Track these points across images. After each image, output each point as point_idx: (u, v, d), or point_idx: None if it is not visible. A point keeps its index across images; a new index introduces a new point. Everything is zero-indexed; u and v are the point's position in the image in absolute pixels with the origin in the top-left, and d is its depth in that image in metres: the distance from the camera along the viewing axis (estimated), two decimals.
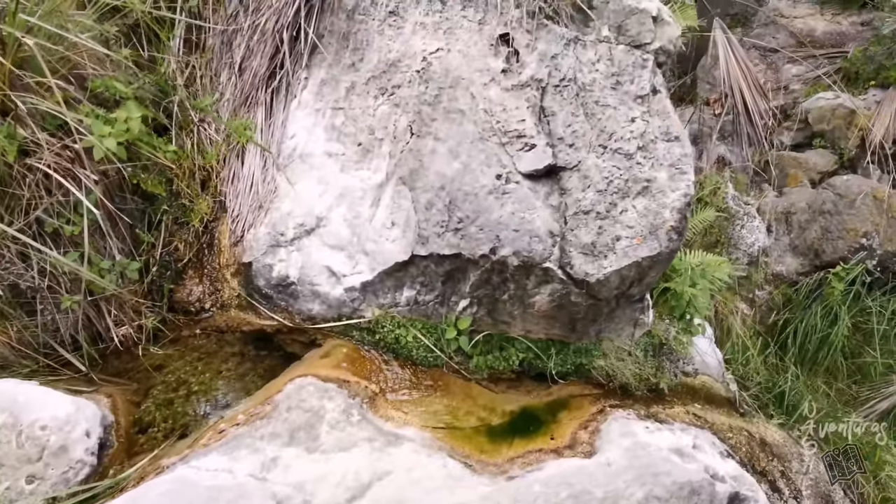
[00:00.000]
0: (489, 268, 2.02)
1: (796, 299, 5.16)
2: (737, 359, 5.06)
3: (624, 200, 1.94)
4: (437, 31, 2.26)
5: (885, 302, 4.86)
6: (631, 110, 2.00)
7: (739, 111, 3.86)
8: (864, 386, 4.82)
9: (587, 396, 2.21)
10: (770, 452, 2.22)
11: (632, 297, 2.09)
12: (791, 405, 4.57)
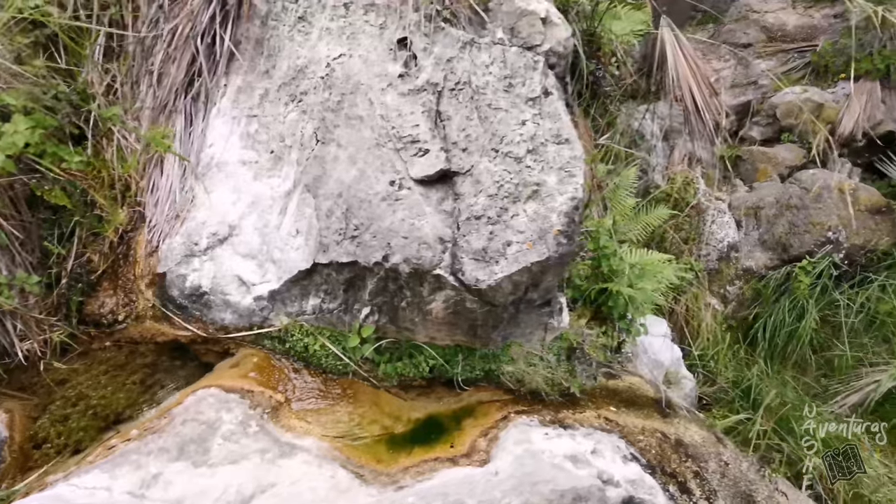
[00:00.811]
0: (384, 275, 1.94)
1: (765, 294, 5.00)
2: (708, 354, 4.93)
3: (515, 205, 1.84)
4: (341, 37, 2.18)
5: (853, 295, 4.68)
6: (522, 113, 1.90)
7: (689, 109, 3.73)
8: (832, 380, 4.65)
9: (495, 403, 2.12)
10: (685, 453, 2.11)
11: (533, 302, 1.99)
12: (757, 399, 4.43)
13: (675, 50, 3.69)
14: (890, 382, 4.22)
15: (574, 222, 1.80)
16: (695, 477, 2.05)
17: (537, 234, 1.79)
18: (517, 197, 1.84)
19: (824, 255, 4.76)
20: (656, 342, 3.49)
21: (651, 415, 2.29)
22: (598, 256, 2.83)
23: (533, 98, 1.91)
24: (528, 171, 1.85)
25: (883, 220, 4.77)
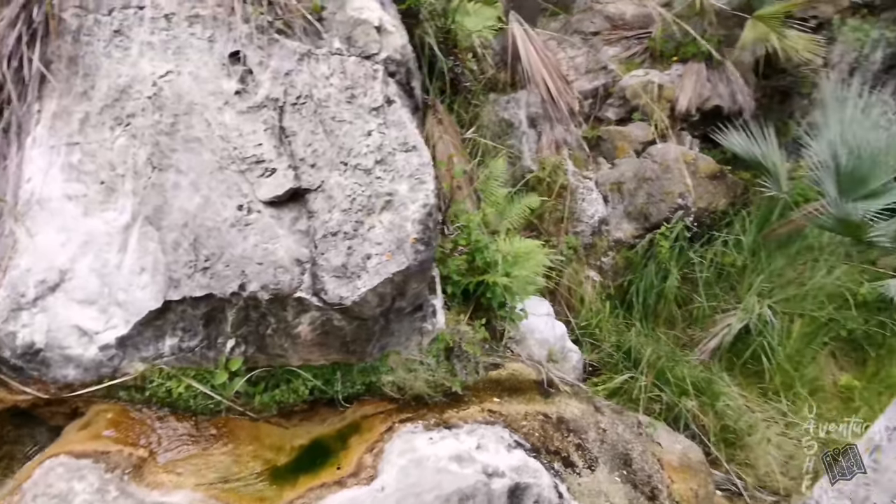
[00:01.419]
0: (244, 305, 1.82)
1: (635, 261, 5.40)
2: (592, 323, 5.24)
3: (370, 217, 1.80)
4: (165, 52, 1.99)
5: (704, 252, 5.20)
6: (367, 123, 1.86)
7: (545, 98, 3.91)
8: (696, 329, 5.15)
9: (379, 415, 2.09)
10: (567, 429, 2.22)
11: (403, 310, 1.98)
12: (637, 358, 4.79)
13: (526, 43, 3.83)
14: (738, 324, 4.74)
15: (429, 228, 1.80)
16: (577, 449, 2.17)
17: (395, 245, 1.77)
18: (371, 209, 1.80)
19: (678, 221, 5.23)
20: (540, 322, 3.64)
21: (534, 398, 2.38)
22: (472, 250, 2.88)
23: (376, 108, 1.87)
24: (379, 182, 1.81)
25: (719, 184, 5.33)
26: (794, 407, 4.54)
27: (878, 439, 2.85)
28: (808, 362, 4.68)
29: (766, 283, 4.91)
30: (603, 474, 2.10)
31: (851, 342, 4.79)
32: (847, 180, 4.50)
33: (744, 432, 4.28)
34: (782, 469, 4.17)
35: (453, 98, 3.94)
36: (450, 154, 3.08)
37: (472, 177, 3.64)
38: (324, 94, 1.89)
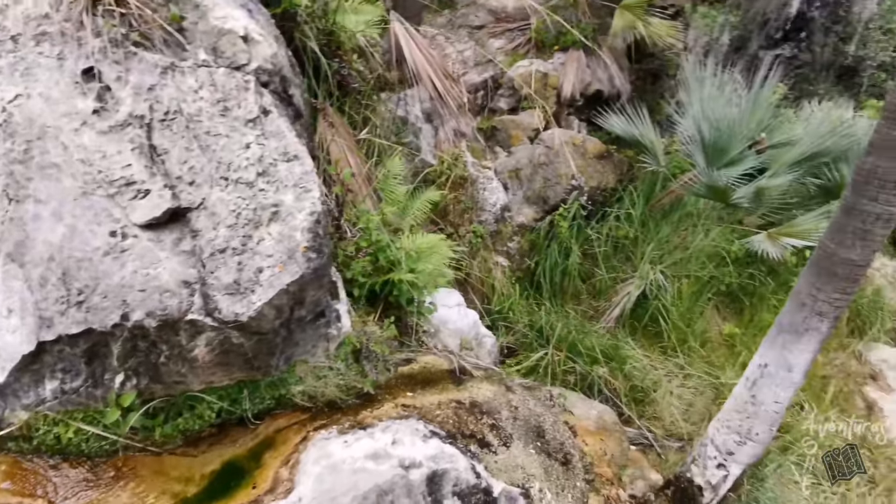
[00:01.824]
0: (129, 335, 1.73)
1: (538, 243, 5.67)
2: (505, 307, 5.44)
3: (258, 230, 1.78)
4: (13, 75, 1.83)
5: (600, 228, 5.56)
6: (244, 136, 1.83)
7: (433, 95, 4.00)
8: (600, 301, 5.51)
9: (293, 426, 2.08)
10: (480, 411, 2.33)
11: (304, 319, 1.98)
12: (549, 335, 5.05)
13: (409, 42, 3.89)
14: (636, 291, 5.12)
15: (319, 235, 1.80)
16: (491, 429, 2.27)
17: (286, 255, 1.76)
18: (258, 222, 1.77)
19: (574, 201, 5.55)
20: (452, 313, 3.73)
21: (447, 387, 2.46)
22: (375, 251, 2.90)
23: (252, 119, 1.83)
24: (263, 195, 1.79)
25: (607, 164, 5.71)
26: (689, 359, 4.99)
27: (753, 377, 3.23)
28: (697, 318, 5.16)
29: (656, 250, 5.34)
30: (518, 449, 2.22)
31: (730, 295, 5.33)
32: (711, 151, 4.99)
33: (650, 389, 4.66)
34: (684, 416, 4.59)
35: (343, 100, 3.92)
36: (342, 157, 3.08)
37: (370, 177, 3.65)
38: (194, 108, 1.83)
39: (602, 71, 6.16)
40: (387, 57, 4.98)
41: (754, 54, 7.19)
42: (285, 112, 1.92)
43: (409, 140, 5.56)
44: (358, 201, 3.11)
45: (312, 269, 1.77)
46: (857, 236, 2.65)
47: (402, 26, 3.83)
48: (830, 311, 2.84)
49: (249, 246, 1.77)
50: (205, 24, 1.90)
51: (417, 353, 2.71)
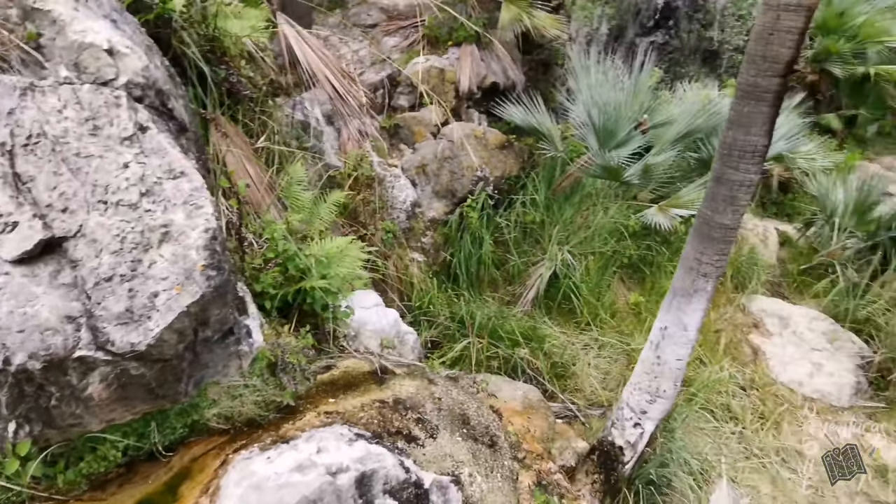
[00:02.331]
0: (14, 381, 1.59)
1: (451, 235, 5.78)
2: (425, 302, 5.50)
3: (148, 253, 1.69)
4: None
5: (508, 216, 5.77)
6: (121, 155, 1.72)
7: (333, 96, 3.95)
8: (515, 285, 5.73)
9: (211, 452, 2.00)
10: (404, 408, 2.37)
11: (211, 339, 1.91)
12: (469, 324, 5.17)
13: (301, 43, 3.81)
14: (547, 273, 5.37)
15: (217, 252, 1.74)
16: (417, 423, 2.31)
17: (184, 276, 1.68)
18: (148, 245, 1.68)
19: (480, 191, 5.71)
20: (371, 314, 3.73)
21: (369, 388, 2.46)
22: (284, 260, 2.84)
23: (128, 137, 1.73)
24: (150, 216, 1.69)
25: (509, 153, 5.92)
26: (602, 331, 5.31)
27: (656, 339, 3.51)
28: (605, 291, 5.50)
29: (562, 232, 5.63)
30: (445, 439, 2.28)
31: (632, 266, 5.73)
32: (602, 134, 5.33)
33: (569, 364, 4.91)
34: (603, 385, 4.89)
35: (236, 108, 3.77)
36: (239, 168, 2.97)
37: (273, 185, 3.55)
38: (59, 129, 1.69)
39: (496, 63, 6.36)
40: (279, 61, 4.84)
41: (631, 42, 7.75)
42: (166, 126, 1.83)
43: (311, 144, 5.46)
44: (262, 211, 3.02)
45: (213, 287, 1.70)
46: (727, 202, 2.96)
47: (291, 29, 3.73)
48: (713, 271, 3.15)
49: (140, 271, 1.67)
50: (63, 40, 1.75)
51: (337, 358, 2.69)
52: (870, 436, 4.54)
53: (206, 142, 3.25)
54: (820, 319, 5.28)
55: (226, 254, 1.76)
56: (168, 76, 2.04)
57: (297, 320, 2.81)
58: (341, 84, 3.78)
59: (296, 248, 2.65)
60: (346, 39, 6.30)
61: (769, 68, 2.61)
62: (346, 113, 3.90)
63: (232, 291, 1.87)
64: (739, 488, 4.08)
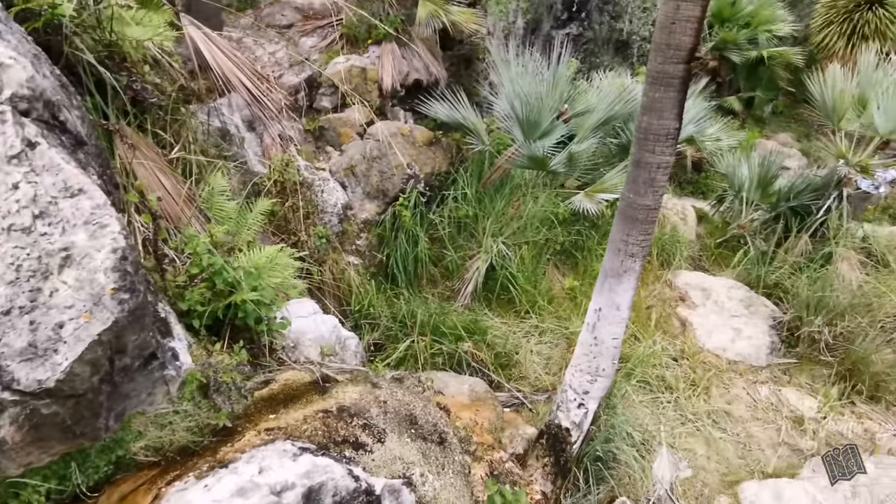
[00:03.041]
0: None
1: (386, 235, 5.72)
2: (364, 305, 5.40)
3: (48, 281, 1.54)
4: None
5: (442, 212, 5.78)
6: (9, 175, 1.55)
7: (250, 101, 3.77)
8: (453, 280, 5.75)
9: (140, 488, 1.86)
10: (349, 415, 2.30)
11: (131, 367, 1.77)
12: (412, 323, 5.14)
13: (211, 47, 3.61)
14: (484, 265, 5.42)
15: (129, 273, 1.61)
16: (364, 429, 2.26)
17: (92, 302, 1.54)
18: (47, 271, 1.52)
19: (412, 189, 5.68)
20: (309, 323, 3.61)
21: (311, 399, 2.38)
22: (210, 275, 2.69)
23: (15, 155, 1.55)
24: (47, 239, 1.53)
25: (437, 150, 5.92)
26: (541, 318, 5.44)
27: (592, 321, 3.62)
28: (541, 279, 5.63)
29: (495, 224, 5.70)
30: (393, 442, 2.24)
31: (565, 252, 5.91)
32: (527, 125, 5.43)
33: (512, 353, 4.99)
34: (546, 370, 5.00)
35: (143, 117, 3.53)
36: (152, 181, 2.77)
37: (193, 197, 3.35)
38: None
39: (417, 60, 6.34)
40: (189, 65, 4.57)
41: (547, 34, 7.96)
42: (59, 141, 1.66)
43: (232, 152, 5.23)
44: (182, 226, 2.85)
45: (128, 311, 1.57)
46: (647, 185, 3.09)
47: (199, 31, 3.53)
48: (640, 251, 3.28)
49: (41, 300, 1.51)
50: None
51: (276, 371, 2.58)
52: (786, 390, 4.92)
53: (112, 155, 3.03)
54: (737, 288, 5.66)
55: (140, 274, 1.63)
56: (59, 86, 1.86)
57: (229, 337, 2.67)
58: (258, 88, 3.62)
59: (222, 261, 2.51)
60: (260, 41, 6.07)
61: (674, 55, 2.74)
62: (267, 117, 3.75)
63: (151, 313, 1.74)
64: (678, 453, 4.30)
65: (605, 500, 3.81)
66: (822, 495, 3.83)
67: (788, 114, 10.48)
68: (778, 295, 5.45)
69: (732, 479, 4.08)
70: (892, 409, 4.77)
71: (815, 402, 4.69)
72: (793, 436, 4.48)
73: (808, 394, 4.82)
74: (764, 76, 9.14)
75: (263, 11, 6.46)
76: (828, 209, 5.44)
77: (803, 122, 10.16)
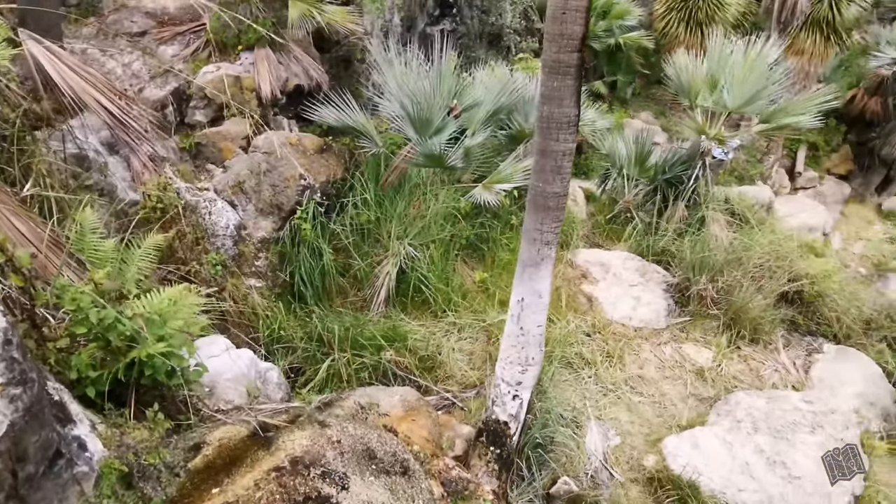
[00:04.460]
0: None
1: (288, 252, 5.38)
2: (275, 330, 5.04)
3: None
4: None
5: (343, 220, 5.55)
6: None
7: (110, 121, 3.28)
8: (365, 289, 5.55)
9: None
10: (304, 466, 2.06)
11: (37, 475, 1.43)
12: (329, 339, 4.88)
13: (55, 62, 3.10)
14: (394, 269, 5.31)
15: (17, 361, 1.29)
16: (324, 479, 2.07)
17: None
18: None
19: (308, 200, 5.39)
20: (224, 362, 3.26)
21: (256, 457, 2.12)
22: (101, 332, 2.31)
23: None
24: None
25: (329, 156, 5.68)
26: (457, 314, 5.44)
27: (516, 311, 3.66)
28: (451, 275, 5.64)
29: (399, 226, 5.60)
30: (358, 484, 2.07)
31: (471, 246, 5.97)
32: (419, 124, 5.39)
33: (435, 354, 4.94)
34: (470, 365, 5.02)
35: None
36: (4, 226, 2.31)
37: (60, 241, 2.86)
38: None
39: (296, 65, 6.02)
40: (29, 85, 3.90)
41: (423, 31, 7.97)
42: None
43: (94, 181, 4.61)
44: (53, 277, 2.41)
45: (24, 409, 1.27)
46: (555, 172, 3.17)
47: (39, 45, 3.00)
48: (554, 238, 3.38)
49: None
50: None
51: (205, 432, 2.27)
52: (685, 346, 5.40)
53: None
54: (630, 259, 6.10)
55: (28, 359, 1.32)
56: None
57: (136, 401, 2.31)
58: (115, 105, 3.17)
59: (114, 311, 2.16)
60: (110, 52, 5.39)
61: (567, 44, 2.83)
62: (132, 137, 3.30)
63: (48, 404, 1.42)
64: (605, 423, 4.54)
65: (549, 483, 3.92)
66: (729, 436, 4.25)
67: (645, 94, 11.56)
68: (666, 260, 5.96)
69: (655, 438, 4.39)
70: (769, 347, 5.44)
71: (710, 353, 5.19)
72: (697, 387, 4.93)
73: (704, 346, 5.33)
74: (622, 61, 9.96)
75: (108, 19, 5.74)
76: (696, 178, 6.04)
77: (658, 101, 11.25)
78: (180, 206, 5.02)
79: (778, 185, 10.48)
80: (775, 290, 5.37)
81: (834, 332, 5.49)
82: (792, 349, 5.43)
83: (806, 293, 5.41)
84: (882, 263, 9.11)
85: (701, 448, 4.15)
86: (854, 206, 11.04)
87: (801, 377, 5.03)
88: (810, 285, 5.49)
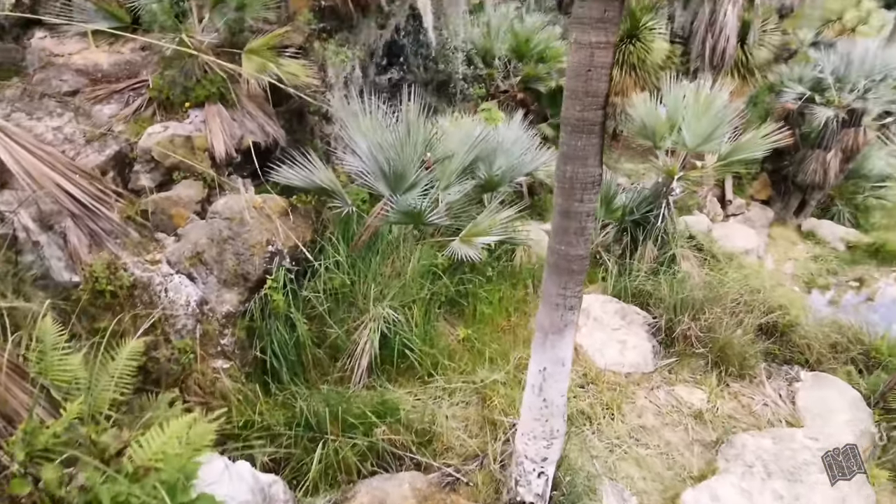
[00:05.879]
0: None
1: (257, 326, 4.86)
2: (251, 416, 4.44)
3: None
4: None
5: (315, 286, 5.11)
6: None
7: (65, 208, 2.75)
8: (344, 358, 5.07)
9: None
10: None
11: None
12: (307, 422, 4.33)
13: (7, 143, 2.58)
14: (375, 335, 4.91)
15: None
16: None
17: None
18: None
19: (278, 267, 4.92)
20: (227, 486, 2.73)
21: None
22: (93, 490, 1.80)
23: None
24: None
25: (296, 218, 5.26)
26: (446, 377, 5.10)
27: (538, 382, 3.40)
28: (436, 336, 5.31)
29: (376, 287, 5.23)
30: None
31: (451, 302, 5.69)
32: (393, 179, 5.12)
33: (429, 424, 4.54)
34: (467, 433, 4.65)
35: None
36: None
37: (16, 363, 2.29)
38: None
39: (250, 121, 5.61)
40: None
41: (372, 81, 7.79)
42: None
43: (29, 262, 3.96)
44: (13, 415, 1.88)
45: None
46: (578, 234, 3.01)
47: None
48: (577, 302, 3.19)
49: None
50: None
51: None
52: (677, 388, 5.35)
53: None
54: (609, 301, 6.06)
55: None
56: None
57: None
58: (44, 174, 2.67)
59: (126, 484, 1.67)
60: (38, 114, 4.75)
61: (592, 102, 2.71)
62: (70, 211, 2.79)
63: None
64: (619, 482, 4.32)
65: None
66: (744, 483, 4.17)
67: None
68: (645, 300, 5.96)
69: (672, 494, 4.23)
70: (754, 381, 5.51)
71: (703, 393, 5.16)
72: (698, 431, 4.85)
73: (695, 386, 5.30)
74: None
75: (34, 78, 5.09)
76: (662, 217, 6.16)
77: None
78: (129, 286, 4.42)
79: (713, 214, 11.08)
80: (753, 324, 5.47)
81: (806, 359, 5.65)
82: (773, 380, 5.52)
83: (781, 323, 5.56)
84: (811, 281, 9.72)
85: (721, 500, 4.02)
86: (778, 229, 11.86)
87: (790, 409, 5.10)
88: (782, 315, 5.66)
